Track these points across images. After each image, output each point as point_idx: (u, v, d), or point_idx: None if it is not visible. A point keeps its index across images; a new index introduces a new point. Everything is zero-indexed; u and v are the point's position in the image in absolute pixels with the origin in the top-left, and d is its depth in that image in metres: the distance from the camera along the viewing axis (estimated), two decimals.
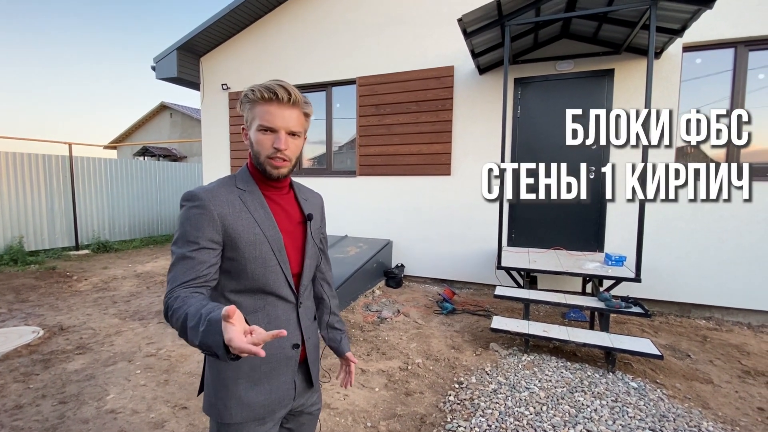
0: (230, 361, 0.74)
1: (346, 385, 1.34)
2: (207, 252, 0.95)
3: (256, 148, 1.01)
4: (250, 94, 0.98)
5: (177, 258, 0.94)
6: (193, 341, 0.79)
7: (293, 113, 1.00)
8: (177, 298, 0.87)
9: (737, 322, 3.93)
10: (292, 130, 1.01)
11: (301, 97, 1.01)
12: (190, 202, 0.97)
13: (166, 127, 19.99)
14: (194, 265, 0.93)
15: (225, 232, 0.98)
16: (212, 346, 0.73)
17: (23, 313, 4.17)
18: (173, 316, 0.86)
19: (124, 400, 2.53)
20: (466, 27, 3.65)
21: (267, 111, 0.97)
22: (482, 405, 2.44)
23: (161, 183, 9.71)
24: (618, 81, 4.26)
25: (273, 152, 1.00)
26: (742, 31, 3.80)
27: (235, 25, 6.21)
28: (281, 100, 0.97)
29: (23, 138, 7.80)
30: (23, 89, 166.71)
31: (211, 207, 0.96)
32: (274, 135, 0.99)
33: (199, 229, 0.95)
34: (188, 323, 0.80)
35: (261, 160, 1.02)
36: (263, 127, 0.98)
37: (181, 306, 0.85)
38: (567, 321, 3.93)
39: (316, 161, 6.21)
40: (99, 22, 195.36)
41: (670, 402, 2.48)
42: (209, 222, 0.96)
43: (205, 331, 0.75)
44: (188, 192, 0.99)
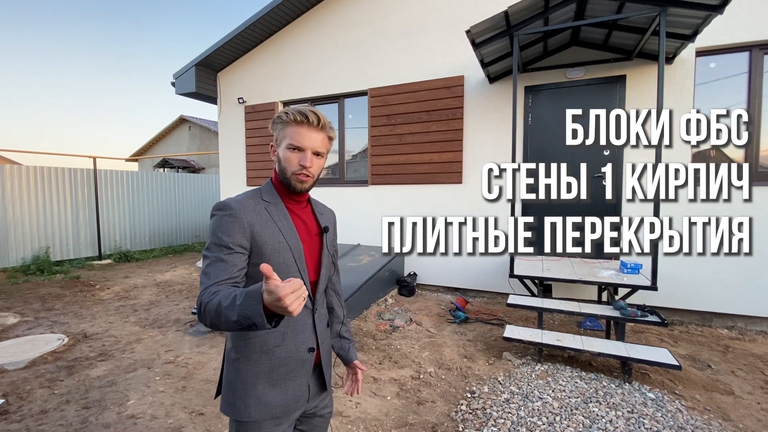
0: (271, 328, 0.81)
1: (352, 393, 1.39)
2: (238, 256, 1.03)
3: (283, 164, 1.11)
4: (283, 116, 1.09)
5: (211, 261, 1.01)
6: (230, 318, 0.83)
7: (320, 136, 1.11)
8: (210, 294, 0.93)
9: (761, 332, 3.80)
10: (318, 151, 1.11)
11: (328, 123, 1.13)
12: (222, 211, 1.05)
13: (185, 140, 20.56)
14: (227, 267, 1.00)
15: (253, 239, 1.05)
16: (251, 316, 0.79)
17: (49, 321, 4.34)
18: (208, 306, 0.90)
19: (144, 405, 2.61)
20: (474, 38, 3.70)
21: (297, 132, 1.08)
22: (494, 415, 2.43)
23: (180, 194, 9.98)
24: (630, 87, 4.23)
25: (299, 169, 1.09)
26: (756, 34, 3.74)
27: (251, 42, 6.42)
28: (311, 124, 1.08)
29: (51, 153, 8.18)
30: (51, 105, 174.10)
31: (241, 215, 1.05)
32: (301, 153, 1.09)
33: (231, 235, 1.02)
34: (223, 304, 0.86)
35: (288, 175, 1.11)
36: (292, 146, 1.09)
37: (214, 297, 0.90)
38: (582, 330, 3.87)
39: (329, 171, 6.32)
40: (124, 41, 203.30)
41: (689, 414, 2.42)
42: (240, 229, 1.03)
43: (242, 304, 0.81)
44: (220, 202, 1.08)
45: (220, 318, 0.86)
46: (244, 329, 0.84)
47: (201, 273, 1.01)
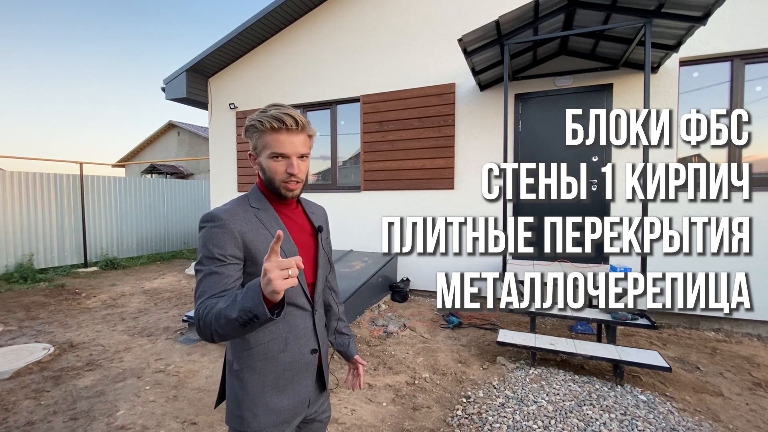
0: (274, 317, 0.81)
1: (354, 388, 1.39)
2: (232, 267, 1.00)
3: (269, 174, 1.06)
4: (258, 125, 1.03)
5: (204, 275, 0.97)
6: (230, 316, 0.83)
7: (300, 138, 1.06)
8: (207, 307, 0.91)
9: (747, 334, 3.89)
10: (301, 153, 1.07)
11: (305, 121, 1.06)
12: (211, 223, 1.01)
13: (173, 145, 20.34)
14: (221, 279, 0.97)
15: (245, 247, 1.03)
16: (252, 308, 0.80)
17: (34, 330, 4.22)
18: (206, 317, 0.89)
19: (134, 416, 2.55)
20: (466, 46, 3.76)
21: (277, 140, 1.02)
22: (490, 419, 2.43)
23: (168, 200, 9.86)
24: (617, 95, 4.34)
25: (287, 177, 1.06)
26: (737, 45, 3.88)
27: (243, 47, 6.41)
28: (290, 128, 1.03)
29: (36, 158, 8.02)
30: (36, 111, 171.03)
31: (231, 225, 1.01)
32: (286, 161, 1.05)
33: (222, 247, 0.99)
34: (221, 306, 0.86)
35: (276, 185, 1.07)
36: (275, 154, 1.04)
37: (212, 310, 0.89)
38: (574, 334, 3.91)
39: (321, 177, 6.31)
40: (111, 43, 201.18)
41: (680, 415, 2.46)
42: (231, 239, 1.00)
43: (243, 299, 0.82)
44: (207, 213, 1.04)
45: (221, 321, 0.85)
46: (246, 326, 0.82)
47: (195, 288, 0.99)
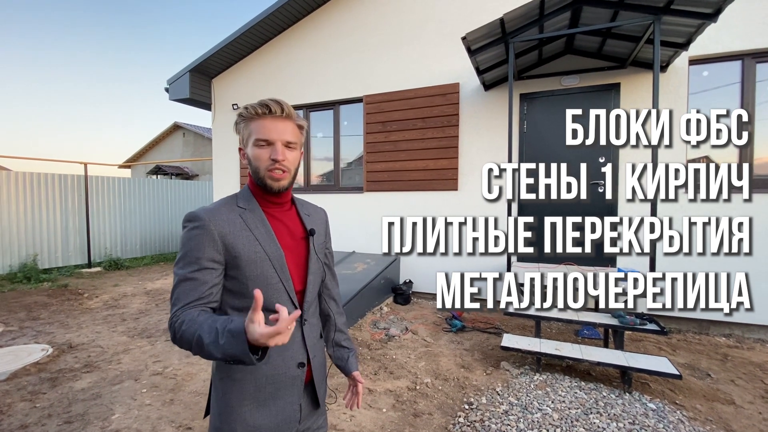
0: (257, 362, 0.78)
1: (351, 407, 1.28)
2: (209, 272, 0.95)
3: (254, 163, 1.02)
4: (244, 113, 1.01)
5: (179, 279, 0.94)
6: (214, 355, 0.81)
7: (287, 125, 1.02)
8: (183, 322, 0.88)
9: (759, 339, 3.78)
10: (288, 141, 1.02)
11: (293, 111, 1.04)
12: (192, 223, 0.97)
13: (179, 146, 20.43)
14: (197, 285, 0.93)
15: (226, 251, 0.98)
16: (238, 355, 0.77)
17: (34, 331, 4.20)
18: (182, 338, 0.87)
19: (129, 420, 2.51)
20: (470, 45, 3.70)
21: (262, 126, 1.00)
22: (493, 427, 2.36)
23: (172, 201, 9.87)
24: (624, 95, 4.25)
25: (271, 164, 1.00)
26: (748, 43, 3.78)
27: (246, 48, 6.39)
28: (275, 114, 1.00)
29: (42, 158, 8.04)
30: (44, 112, 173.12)
31: (211, 227, 0.97)
32: (271, 147, 1.00)
33: (200, 250, 0.95)
34: (204, 340, 0.82)
35: (261, 174, 1.02)
36: (260, 140, 1.00)
37: (190, 327, 0.86)
38: (580, 339, 3.82)
39: (324, 178, 6.27)
40: (117, 46, 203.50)
41: (691, 424, 2.37)
42: (210, 242, 0.96)
43: (226, 344, 0.78)
44: (189, 213, 0.99)
45: (203, 352, 0.83)
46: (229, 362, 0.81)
47: (171, 291, 0.95)
